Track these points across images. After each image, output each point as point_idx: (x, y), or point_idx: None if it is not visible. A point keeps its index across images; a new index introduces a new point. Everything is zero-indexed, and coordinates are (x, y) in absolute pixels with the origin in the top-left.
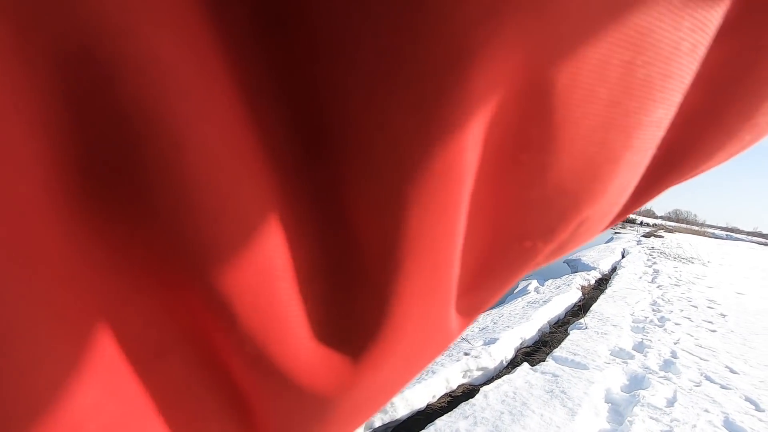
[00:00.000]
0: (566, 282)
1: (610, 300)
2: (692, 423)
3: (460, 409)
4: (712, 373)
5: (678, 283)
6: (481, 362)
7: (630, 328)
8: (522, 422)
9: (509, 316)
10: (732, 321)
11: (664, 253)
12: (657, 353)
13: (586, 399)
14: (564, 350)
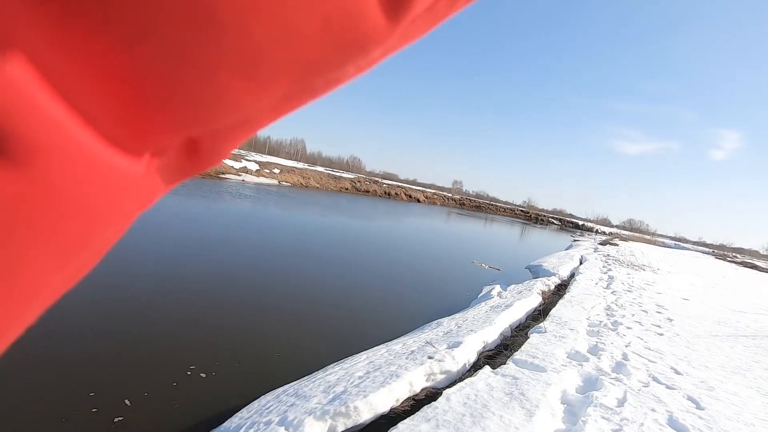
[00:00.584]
0: (528, 287)
1: (568, 305)
2: (640, 422)
3: (422, 412)
4: (659, 374)
5: (630, 289)
6: (444, 366)
7: (586, 332)
8: (482, 424)
9: (473, 320)
10: (677, 325)
11: (618, 260)
12: (610, 356)
13: (544, 400)
14: (524, 353)
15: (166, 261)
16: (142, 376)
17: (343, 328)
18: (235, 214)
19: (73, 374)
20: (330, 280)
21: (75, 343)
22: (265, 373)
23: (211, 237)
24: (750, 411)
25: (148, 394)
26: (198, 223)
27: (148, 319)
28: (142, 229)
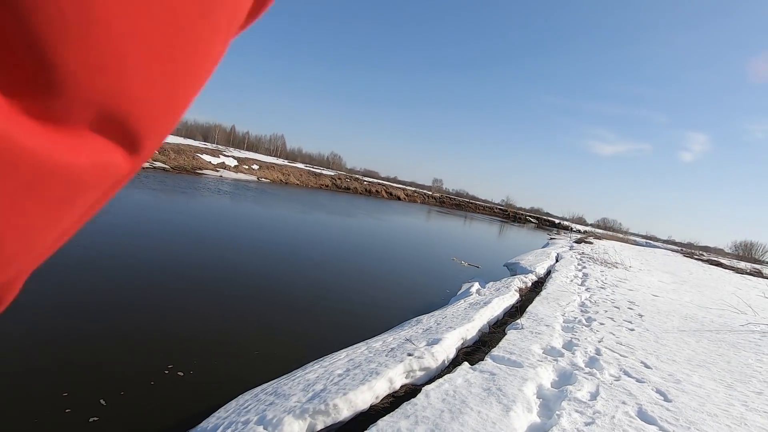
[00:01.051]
0: (505, 284)
1: (544, 301)
2: (612, 414)
3: (402, 409)
4: (629, 369)
5: (604, 286)
6: (424, 362)
7: (561, 328)
8: (461, 420)
9: (452, 317)
10: (648, 321)
11: (592, 258)
12: (584, 351)
13: (520, 395)
14: (501, 349)
15: (142, 258)
16: (119, 375)
17: (322, 326)
18: (213, 211)
19: (46, 374)
20: (309, 278)
21: (48, 343)
22: (243, 372)
23: (190, 234)
24: (713, 402)
25: (124, 393)
26: (176, 219)
27: (123, 318)
28: (119, 224)
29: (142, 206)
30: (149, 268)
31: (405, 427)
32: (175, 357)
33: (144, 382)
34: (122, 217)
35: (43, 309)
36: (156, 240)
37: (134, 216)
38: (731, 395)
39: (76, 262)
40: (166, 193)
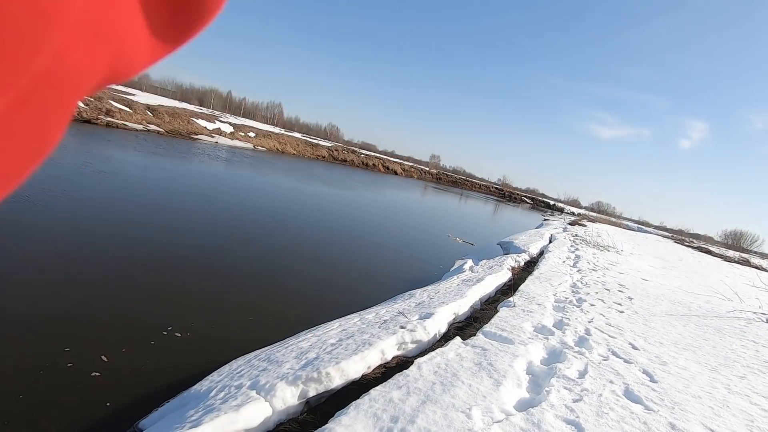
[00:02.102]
0: (498, 263)
1: (536, 281)
2: (599, 393)
3: (394, 380)
4: (618, 349)
5: (595, 268)
6: (416, 335)
7: (552, 308)
8: (452, 392)
9: (445, 292)
10: (637, 303)
11: (585, 240)
12: (574, 330)
13: (511, 371)
14: (493, 326)
15: (146, 219)
16: (120, 333)
17: (316, 295)
18: (213, 178)
19: (48, 329)
20: (304, 248)
21: (50, 298)
22: (237, 337)
23: (191, 200)
24: (697, 384)
25: (125, 350)
26: (176, 185)
27: (126, 278)
28: (123, 184)
29: (144, 169)
30: (151, 233)
31: (397, 398)
32: (174, 319)
33: (144, 341)
34: (126, 178)
35: (49, 264)
36: (158, 205)
37: (137, 179)
38: (715, 378)
39: (85, 217)
40: (166, 158)
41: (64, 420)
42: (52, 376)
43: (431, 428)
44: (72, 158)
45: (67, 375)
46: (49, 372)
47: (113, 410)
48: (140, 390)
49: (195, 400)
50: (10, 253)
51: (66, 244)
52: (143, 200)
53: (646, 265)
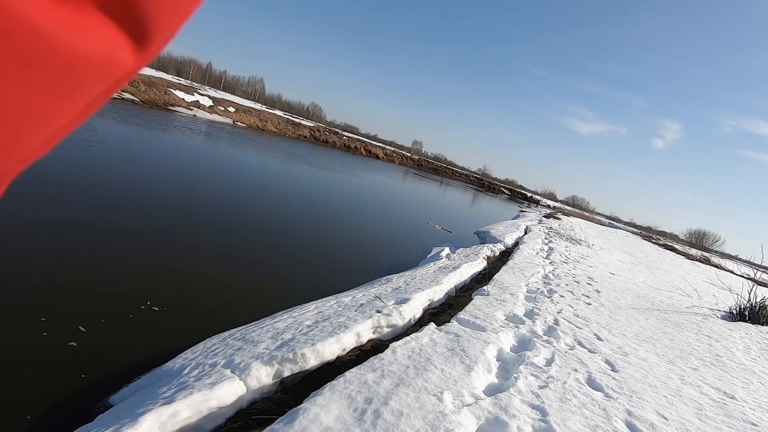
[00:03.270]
0: (475, 252)
1: (510, 271)
2: (564, 380)
3: (369, 363)
4: (583, 339)
5: (567, 261)
6: (391, 320)
7: (524, 297)
8: (425, 376)
9: (421, 278)
10: (604, 296)
11: (559, 233)
12: (543, 320)
13: (482, 357)
14: (467, 313)
15: (132, 191)
16: (98, 305)
17: (292, 276)
18: (194, 152)
19: (24, 296)
20: (283, 229)
21: (25, 267)
22: (214, 313)
23: (171, 173)
24: (655, 375)
25: (104, 321)
26: (157, 157)
27: (105, 251)
28: (111, 154)
29: (123, 140)
30: (136, 205)
31: (372, 380)
32: (153, 293)
33: (123, 313)
34: (108, 149)
35: (27, 229)
36: (143, 177)
37: (118, 149)
38: (671, 369)
39: (66, 183)
40: (147, 129)
41: (34, 389)
42: (29, 344)
43: (404, 410)
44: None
45: (43, 343)
46: (26, 339)
47: (87, 382)
48: (115, 363)
49: (167, 377)
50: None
51: (49, 213)
52: (129, 172)
53: (615, 259)
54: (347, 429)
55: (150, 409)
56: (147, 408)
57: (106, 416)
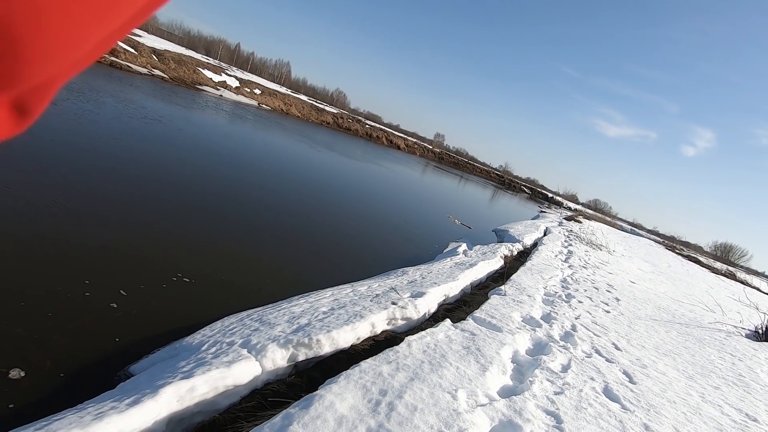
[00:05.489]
0: (492, 250)
1: (528, 272)
2: (580, 388)
3: (384, 354)
4: (601, 348)
5: (586, 266)
6: (406, 313)
7: (542, 300)
8: (440, 372)
9: (437, 273)
10: (623, 305)
11: (579, 237)
12: (560, 325)
13: (497, 358)
14: (483, 312)
15: (175, 169)
16: (137, 273)
17: (311, 262)
18: (226, 133)
19: (69, 261)
20: (305, 214)
21: (75, 233)
22: (236, 291)
23: (203, 154)
24: (674, 390)
25: (143, 287)
26: (194, 138)
27: (146, 222)
28: (160, 133)
29: (171, 118)
30: (178, 182)
31: (386, 372)
32: (184, 266)
33: (158, 282)
34: (163, 128)
35: (97, 197)
36: (180, 159)
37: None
38: (691, 386)
39: (126, 157)
40: (186, 109)
41: (71, 348)
42: (72, 303)
43: (418, 405)
44: (116, 104)
45: (85, 303)
46: (70, 299)
47: (118, 346)
48: (143, 330)
49: (186, 351)
50: (42, 186)
51: (101, 185)
52: (169, 150)
53: (636, 267)
54: (361, 419)
55: (170, 382)
56: (167, 381)
57: (127, 385)
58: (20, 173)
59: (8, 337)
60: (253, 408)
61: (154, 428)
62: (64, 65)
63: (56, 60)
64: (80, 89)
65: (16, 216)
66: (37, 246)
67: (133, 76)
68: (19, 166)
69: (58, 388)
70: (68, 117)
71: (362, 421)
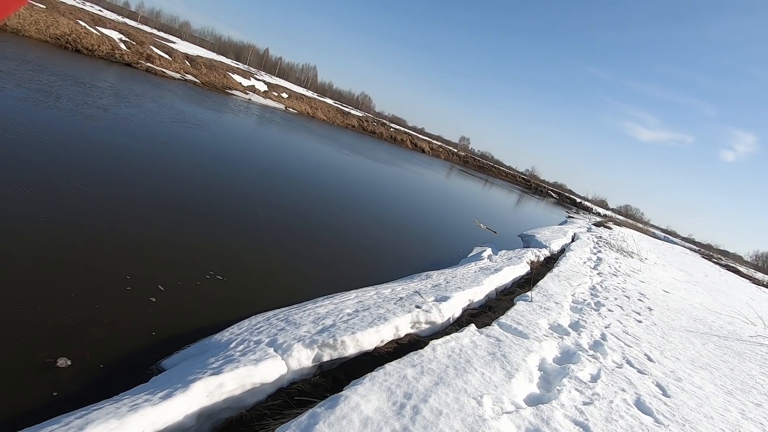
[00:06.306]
0: (518, 255)
1: (555, 279)
2: (610, 399)
3: (408, 358)
4: (632, 358)
5: (616, 274)
6: (430, 317)
7: (570, 308)
8: (465, 378)
9: (462, 277)
10: (656, 315)
11: (609, 243)
12: (589, 334)
13: (524, 365)
14: (509, 318)
15: (212, 173)
16: (172, 271)
17: (336, 263)
18: (258, 138)
19: (111, 257)
20: (330, 216)
21: (125, 230)
22: (264, 291)
23: (236, 157)
24: (711, 405)
25: (180, 283)
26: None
27: (180, 223)
28: (201, 136)
29: (208, 122)
30: (214, 184)
31: (411, 375)
32: (216, 265)
33: (193, 279)
34: (204, 130)
35: (144, 197)
36: (224, 160)
37: (200, 132)
38: (730, 402)
39: (172, 163)
40: (220, 113)
41: (110, 340)
42: (114, 295)
43: (443, 410)
44: (159, 109)
45: (127, 296)
46: (111, 292)
47: (153, 340)
48: (178, 325)
49: (215, 348)
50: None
51: (150, 186)
52: (207, 154)
53: (670, 276)
54: (386, 421)
55: (200, 378)
56: (197, 376)
57: (159, 379)
58: (87, 174)
59: (60, 325)
60: (279, 406)
61: (185, 422)
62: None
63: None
64: (126, 95)
65: (86, 215)
66: (93, 241)
67: (167, 81)
68: (88, 168)
69: (97, 378)
70: (119, 122)
71: (387, 424)
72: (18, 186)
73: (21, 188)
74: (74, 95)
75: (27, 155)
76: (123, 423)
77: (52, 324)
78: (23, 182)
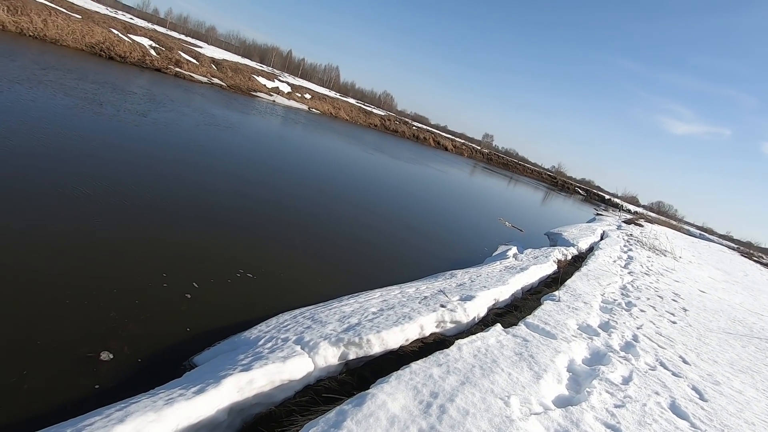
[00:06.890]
0: (544, 254)
1: (584, 278)
2: (643, 402)
3: (434, 357)
4: (666, 361)
5: (648, 273)
6: (455, 316)
7: (599, 308)
8: (491, 378)
9: (487, 276)
10: (692, 316)
11: (640, 241)
12: (620, 335)
13: (552, 366)
14: (536, 318)
15: (240, 176)
16: (205, 269)
17: (360, 262)
18: (284, 139)
19: (147, 256)
20: (356, 215)
21: (163, 230)
22: (291, 289)
23: (260, 157)
24: (753, 411)
25: (213, 281)
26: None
27: (213, 221)
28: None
29: (239, 125)
30: (246, 185)
31: (437, 374)
32: (247, 263)
33: (225, 277)
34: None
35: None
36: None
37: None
38: None
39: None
40: (249, 116)
41: (145, 336)
42: (152, 291)
43: (470, 409)
44: (192, 113)
45: (164, 292)
46: (148, 288)
47: (188, 336)
48: (210, 321)
49: (245, 345)
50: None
51: (188, 186)
52: (238, 159)
53: (706, 275)
54: (413, 419)
55: (230, 374)
56: (228, 372)
57: (192, 374)
58: (133, 175)
59: (104, 319)
60: (306, 403)
61: (217, 416)
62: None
63: None
64: (161, 100)
65: (136, 214)
66: (140, 239)
67: (195, 85)
68: (133, 170)
69: (134, 372)
70: (159, 126)
71: (414, 422)
72: (81, 187)
73: (83, 189)
74: (115, 101)
75: (84, 161)
76: (160, 416)
77: (97, 318)
78: (82, 185)
